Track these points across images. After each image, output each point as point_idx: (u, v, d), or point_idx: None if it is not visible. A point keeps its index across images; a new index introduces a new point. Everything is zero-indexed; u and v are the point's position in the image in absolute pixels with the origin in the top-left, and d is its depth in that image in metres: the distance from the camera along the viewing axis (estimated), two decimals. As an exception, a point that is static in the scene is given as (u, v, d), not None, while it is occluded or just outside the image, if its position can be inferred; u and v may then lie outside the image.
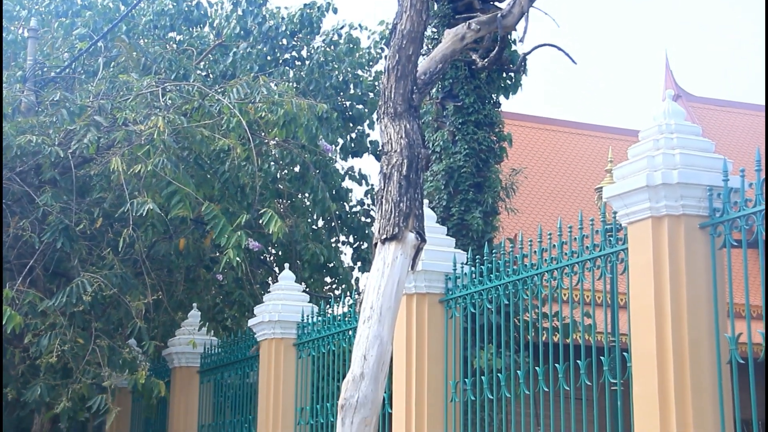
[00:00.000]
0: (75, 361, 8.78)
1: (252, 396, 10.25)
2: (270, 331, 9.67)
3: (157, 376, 9.85)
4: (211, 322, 11.73)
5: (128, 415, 12.87)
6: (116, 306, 9.27)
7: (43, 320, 8.79)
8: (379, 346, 5.37)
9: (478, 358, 7.32)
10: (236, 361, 10.73)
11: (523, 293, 6.91)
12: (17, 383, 9.34)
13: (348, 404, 5.30)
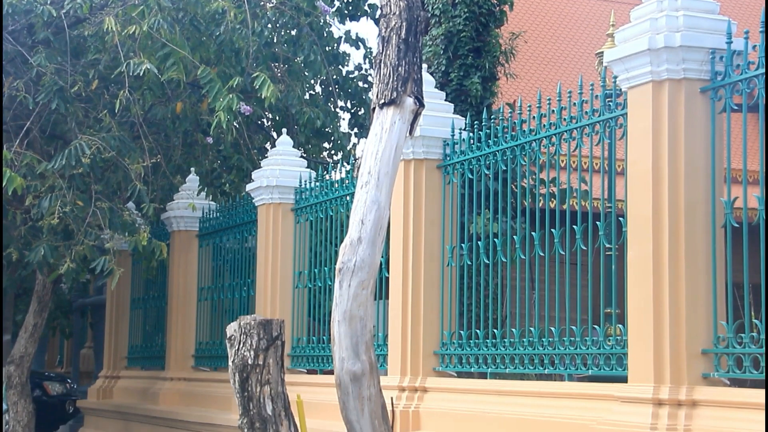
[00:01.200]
0: (76, 223, 8.85)
1: (251, 260, 10.38)
2: (268, 196, 9.71)
3: (157, 239, 9.95)
4: (210, 186, 11.76)
5: (129, 277, 13.06)
6: (115, 169, 9.28)
7: (42, 182, 8.81)
8: (376, 211, 5.40)
9: (474, 223, 7.39)
10: (235, 226, 10.83)
11: (521, 159, 6.92)
12: (19, 244, 9.45)
13: (345, 268, 5.36)
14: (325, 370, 8.85)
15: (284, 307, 9.49)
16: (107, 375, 13.78)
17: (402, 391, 7.52)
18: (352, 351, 5.24)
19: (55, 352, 21.47)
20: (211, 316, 11.33)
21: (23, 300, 13.90)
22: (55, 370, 19.40)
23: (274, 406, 5.13)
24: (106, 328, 14.10)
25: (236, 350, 5.18)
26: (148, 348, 12.85)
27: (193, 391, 11.19)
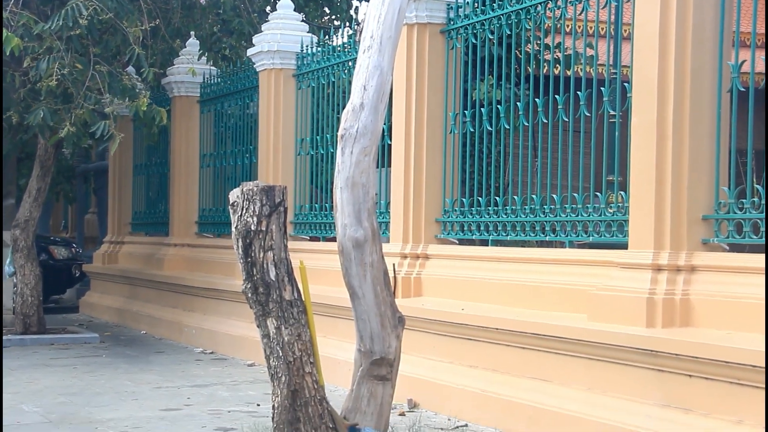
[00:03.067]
0: (75, 86, 8.75)
1: (252, 126, 10.34)
2: (269, 61, 9.58)
3: (158, 104, 9.87)
4: (210, 51, 11.59)
5: (130, 143, 13.05)
6: (113, 32, 9.11)
7: (40, 44, 8.67)
8: (379, 76, 5.31)
9: (477, 90, 7.31)
10: (236, 92, 10.73)
11: (525, 24, 6.78)
12: (19, 107, 9.38)
13: (348, 134, 5.32)
14: (328, 237, 8.92)
15: (286, 175, 9.49)
16: (112, 240, 13.93)
17: (404, 258, 7.60)
18: (355, 218, 5.25)
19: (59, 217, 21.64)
20: (214, 182, 11.36)
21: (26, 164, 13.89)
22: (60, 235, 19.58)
23: (278, 272, 5.17)
24: (109, 194, 14.18)
25: (239, 216, 5.18)
26: (152, 214, 12.94)
27: (196, 257, 11.33)
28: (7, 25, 8.48)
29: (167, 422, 6.51)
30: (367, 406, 5.24)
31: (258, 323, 5.23)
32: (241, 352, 9.45)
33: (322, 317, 6.96)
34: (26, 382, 8.07)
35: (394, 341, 5.30)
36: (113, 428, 6.32)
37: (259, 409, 6.85)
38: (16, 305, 10.84)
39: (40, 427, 6.36)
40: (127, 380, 8.22)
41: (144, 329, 11.78)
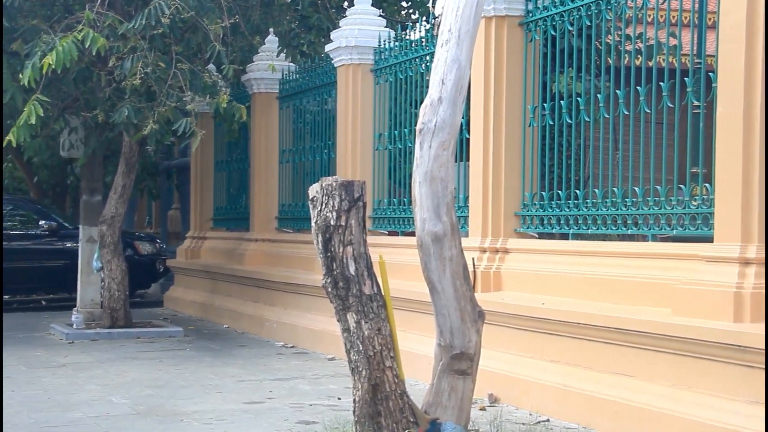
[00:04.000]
0: (158, 84, 8.92)
1: (331, 122, 10.40)
2: (347, 56, 9.62)
3: (238, 101, 9.99)
4: (289, 47, 11.69)
5: (211, 140, 13.24)
6: (194, 30, 9.26)
7: (124, 43, 8.86)
8: (457, 70, 5.29)
9: (557, 82, 7.22)
10: (314, 87, 10.80)
11: (606, 14, 6.68)
12: (105, 106, 9.59)
13: (426, 129, 5.31)
14: (406, 231, 8.93)
15: (365, 169, 9.53)
16: (194, 236, 14.17)
17: (483, 252, 7.56)
18: (434, 212, 5.24)
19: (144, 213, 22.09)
20: (293, 178, 11.46)
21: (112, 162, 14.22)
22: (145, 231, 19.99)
23: (357, 266, 5.19)
24: (191, 190, 14.42)
25: (319, 211, 5.22)
26: (233, 210, 13.12)
27: (277, 252, 11.45)
28: (93, 25, 8.67)
29: (250, 415, 6.59)
30: (447, 401, 5.24)
31: (338, 318, 5.26)
32: (321, 346, 9.53)
33: (401, 312, 6.96)
34: (114, 375, 8.27)
35: (474, 336, 5.28)
36: (198, 420, 6.43)
37: (340, 403, 6.90)
38: (103, 299, 11.10)
39: (128, 418, 6.51)
40: (211, 373, 8.35)
41: (226, 323, 11.96)
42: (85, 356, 9.37)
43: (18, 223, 14.22)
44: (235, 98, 10.46)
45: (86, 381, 7.95)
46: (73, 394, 7.33)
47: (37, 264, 13.84)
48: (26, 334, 11.14)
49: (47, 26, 9.11)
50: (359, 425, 5.19)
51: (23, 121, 8.59)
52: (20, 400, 7.12)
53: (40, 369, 8.60)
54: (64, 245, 13.74)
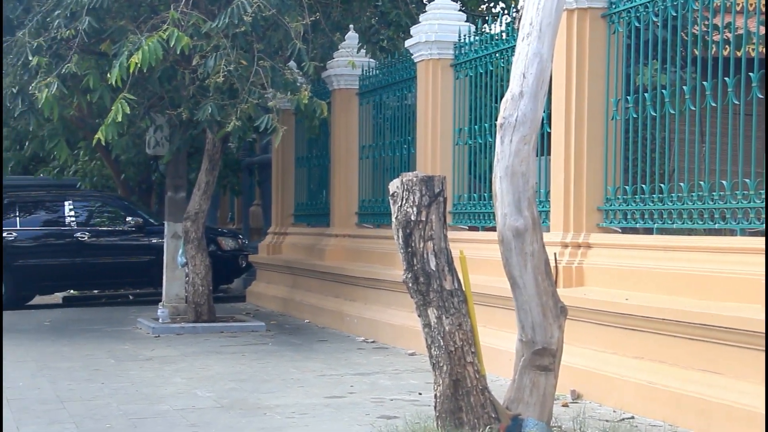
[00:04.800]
0: (240, 81, 9.04)
1: (410, 117, 10.40)
2: (427, 52, 9.61)
3: (318, 98, 10.06)
4: (368, 43, 11.73)
5: (292, 136, 13.36)
6: (276, 28, 9.35)
7: (207, 42, 9.00)
8: (538, 64, 5.25)
9: (641, 74, 7.10)
10: (394, 83, 10.82)
11: (692, 4, 6.54)
12: (189, 104, 9.76)
13: (507, 123, 5.28)
14: (487, 226, 8.88)
15: (445, 164, 9.51)
16: (275, 231, 14.32)
17: (565, 247, 7.48)
18: (515, 207, 5.21)
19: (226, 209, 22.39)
20: (373, 174, 11.50)
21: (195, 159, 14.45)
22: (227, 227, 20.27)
23: (438, 262, 5.20)
24: (272, 186, 14.58)
25: (399, 207, 5.23)
26: (314, 205, 13.22)
27: (357, 248, 11.50)
28: (178, 25, 8.83)
29: (332, 409, 6.64)
30: (529, 397, 5.20)
31: (419, 313, 5.27)
32: (401, 341, 9.54)
33: (481, 307, 6.93)
34: (199, 368, 8.41)
35: (556, 331, 5.23)
36: (280, 414, 6.50)
37: (421, 398, 6.90)
38: (188, 294, 11.30)
39: (212, 411, 6.61)
40: (293, 368, 8.43)
41: (307, 318, 12.06)
42: (171, 350, 9.55)
43: (106, 219, 14.58)
44: (316, 95, 10.54)
45: (172, 374, 8.10)
46: (159, 387, 7.48)
47: (124, 259, 14.16)
48: (114, 327, 11.41)
49: (134, 27, 9.30)
50: (440, 420, 5.19)
51: (111, 119, 8.79)
52: (109, 392, 7.29)
53: (128, 362, 8.79)
54: (150, 241, 14.03)
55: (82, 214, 14.35)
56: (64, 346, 9.88)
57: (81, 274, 14.13)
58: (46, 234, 14.11)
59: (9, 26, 10.13)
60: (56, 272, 13.92)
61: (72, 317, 12.64)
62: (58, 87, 9.09)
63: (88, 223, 14.35)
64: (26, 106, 9.79)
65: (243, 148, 17.83)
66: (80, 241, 14.00)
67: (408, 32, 10.24)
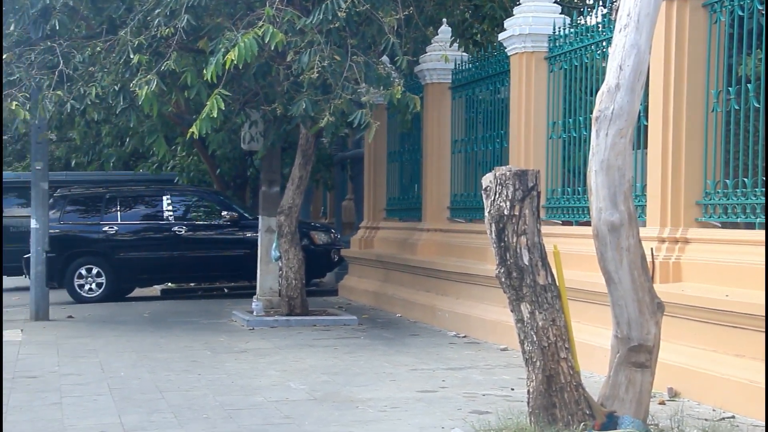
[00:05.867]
0: (334, 77, 9.10)
1: (503, 111, 10.32)
2: (521, 45, 9.52)
3: (411, 92, 10.06)
4: (461, 37, 11.69)
5: (384, 131, 13.40)
6: (369, 23, 9.39)
7: (302, 38, 9.09)
8: (636, 55, 5.15)
9: (744, 65, 6.90)
10: (487, 77, 10.75)
11: (797, -8, 6.33)
12: (283, 99, 9.88)
13: (603, 116, 5.20)
14: (581, 221, 8.76)
15: (538, 158, 9.41)
16: (367, 226, 14.39)
17: (662, 242, 7.33)
18: (610, 201, 5.13)
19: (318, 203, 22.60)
20: (465, 168, 11.45)
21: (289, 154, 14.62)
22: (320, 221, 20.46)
23: (531, 256, 5.15)
24: (364, 181, 14.65)
25: (492, 201, 5.20)
26: (405, 200, 13.24)
27: (449, 242, 11.47)
28: (273, 21, 8.93)
29: (424, 404, 6.64)
30: (625, 394, 5.12)
31: (511, 308, 5.23)
32: (493, 336, 9.49)
33: (575, 302, 6.84)
34: (292, 361, 8.51)
35: (652, 327, 5.13)
36: (373, 407, 6.53)
37: (514, 394, 6.85)
38: (281, 288, 11.44)
39: (306, 404, 6.68)
40: (385, 362, 8.47)
41: (399, 312, 12.09)
42: (265, 342, 9.69)
43: (202, 213, 14.87)
44: (409, 89, 10.54)
45: (266, 366, 8.22)
46: (254, 379, 7.60)
47: (219, 253, 14.42)
48: (210, 320, 11.63)
49: (230, 24, 9.45)
50: (533, 416, 5.15)
51: (205, 114, 8.95)
52: (206, 383, 7.43)
53: (224, 354, 8.95)
54: (245, 235, 14.26)
55: (179, 209, 14.67)
56: (162, 337, 10.11)
57: (178, 268, 14.45)
58: (145, 228, 14.47)
59: (112, 25, 10.41)
60: (155, 265, 14.27)
61: (170, 309, 12.93)
62: (158, 84, 9.29)
63: (185, 217, 14.66)
64: (127, 103, 10.03)
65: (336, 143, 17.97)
66: (178, 235, 14.32)
67: (502, 25, 10.17)
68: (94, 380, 7.57)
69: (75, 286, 13.98)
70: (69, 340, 9.97)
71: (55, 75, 10.00)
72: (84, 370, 8.03)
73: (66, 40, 10.27)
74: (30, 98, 10.14)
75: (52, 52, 10.12)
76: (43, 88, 10.02)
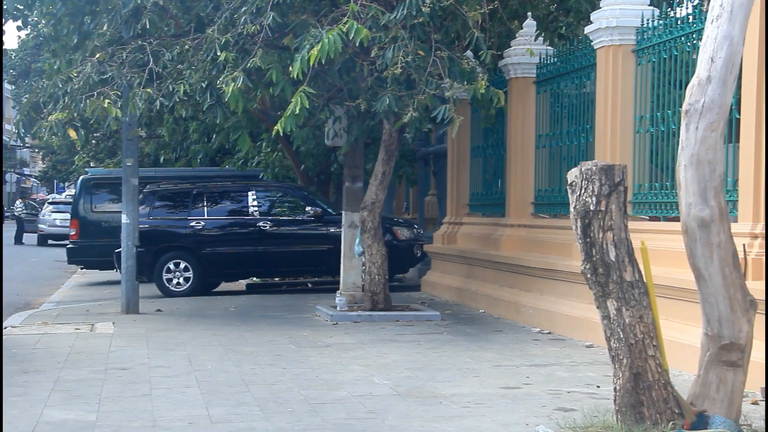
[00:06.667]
0: (417, 72, 9.10)
1: (589, 105, 10.19)
2: (607, 38, 9.38)
3: (494, 87, 10.00)
4: (546, 31, 11.56)
5: (468, 126, 13.35)
6: (453, 18, 9.36)
7: (386, 34, 9.11)
8: (728, 47, 5.03)
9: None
10: (572, 71, 10.63)
11: None
12: (366, 95, 9.92)
13: (693, 110, 5.10)
14: (669, 216, 8.60)
15: (624, 153, 9.26)
16: (450, 221, 14.36)
17: (754, 238, 7.14)
18: (700, 196, 5.03)
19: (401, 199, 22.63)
20: (549, 163, 11.34)
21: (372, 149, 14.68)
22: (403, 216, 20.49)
23: (617, 252, 5.09)
24: (447, 176, 14.62)
25: (577, 196, 5.14)
26: (488, 195, 13.18)
27: (533, 238, 11.38)
28: (357, 17, 8.96)
29: (508, 400, 6.60)
30: (716, 393, 5.01)
31: (597, 304, 5.16)
32: (578, 332, 9.38)
33: (663, 299, 6.72)
34: (375, 356, 8.55)
35: (745, 325, 5.02)
36: (456, 403, 6.52)
37: (599, 391, 6.76)
38: (364, 283, 11.49)
39: (389, 399, 6.71)
40: (468, 357, 8.44)
41: (482, 308, 12.04)
42: (348, 337, 9.75)
43: (286, 209, 15.03)
44: (492, 83, 10.49)
45: (349, 361, 8.27)
46: (337, 374, 7.65)
47: (303, 248, 14.57)
48: (294, 314, 11.75)
49: (315, 20, 9.52)
50: (620, 414, 5.08)
51: (290, 111, 9.03)
52: (290, 377, 7.51)
53: (308, 348, 9.03)
54: (328, 230, 14.36)
55: (264, 204, 14.86)
56: (248, 331, 10.26)
57: (263, 262, 14.63)
58: (231, 223, 14.70)
59: (199, 24, 10.59)
60: (240, 260, 14.48)
61: (255, 304, 13.11)
62: (243, 81, 9.41)
63: (270, 212, 14.84)
64: (214, 100, 10.19)
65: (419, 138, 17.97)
66: (262, 230, 14.50)
67: (587, 18, 10.03)
68: (182, 373, 7.72)
69: (163, 281, 14.27)
70: (158, 333, 10.18)
71: (145, 73, 10.21)
72: (173, 363, 8.19)
73: (156, 39, 10.48)
74: (121, 96, 10.37)
75: (142, 50, 10.35)
76: (134, 86, 10.24)
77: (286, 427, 5.87)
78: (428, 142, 18.80)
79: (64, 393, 6.89)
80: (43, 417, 6.14)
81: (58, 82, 10.54)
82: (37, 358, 8.50)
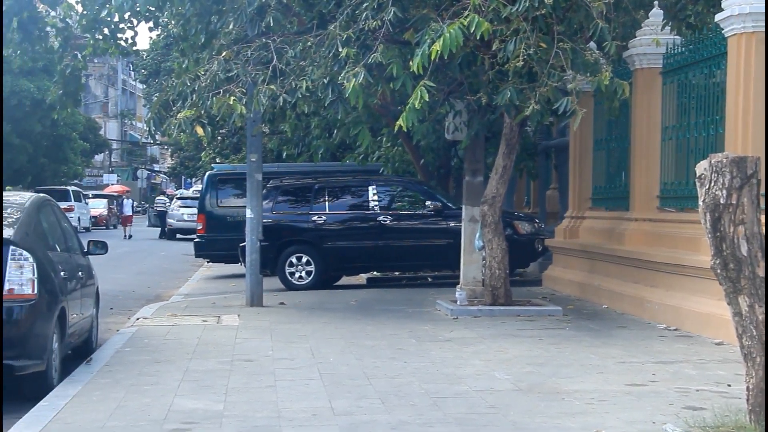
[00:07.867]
0: (539, 65, 8.99)
1: (719, 96, 9.86)
2: (740, 25, 9.06)
3: (619, 78, 9.79)
4: (674, 20, 11.25)
5: (590, 118, 13.12)
6: (576, 8, 9.21)
7: (507, 26, 9.03)
8: None
9: None
10: (701, 60, 10.32)
11: None
12: (487, 89, 9.85)
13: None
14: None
15: (758, 144, 8.93)
16: (572, 215, 14.15)
17: None
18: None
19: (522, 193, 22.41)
20: (676, 155, 11.05)
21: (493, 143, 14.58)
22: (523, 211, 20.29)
23: (750, 247, 4.92)
24: (569, 170, 14.41)
25: (707, 189, 5.00)
26: (612, 189, 12.93)
27: (658, 232, 11.11)
28: (479, 10, 8.91)
29: (633, 397, 6.47)
30: None
31: (728, 300, 5.01)
32: (707, 329, 9.11)
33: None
34: (496, 351, 8.50)
35: None
36: (579, 400, 6.42)
37: (730, 390, 6.55)
38: (485, 278, 11.43)
39: (510, 394, 6.66)
40: (591, 353, 8.30)
41: (605, 303, 11.82)
42: (468, 332, 9.72)
43: (406, 203, 15.09)
44: (617, 74, 10.28)
45: (470, 356, 8.24)
46: (458, 368, 7.64)
47: (423, 242, 14.59)
48: (414, 309, 11.79)
49: (436, 14, 9.51)
50: (753, 414, 4.91)
51: (410, 105, 9.05)
52: (411, 371, 7.54)
53: (428, 342, 9.05)
54: (448, 225, 14.35)
55: (384, 199, 14.95)
56: (369, 325, 10.35)
57: (383, 257, 14.73)
58: (352, 218, 14.84)
59: (322, 20, 10.73)
60: (361, 254, 14.62)
61: (375, 297, 13.21)
62: (365, 76, 9.48)
63: (390, 207, 14.92)
64: (335, 96, 10.30)
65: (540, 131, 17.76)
66: (383, 225, 14.60)
67: (717, 6, 9.71)
68: (305, 365, 7.84)
69: (286, 274, 14.52)
70: (281, 325, 10.38)
71: (268, 70, 10.40)
72: (296, 355, 8.34)
73: (279, 36, 10.67)
74: (246, 93, 10.60)
75: (266, 48, 10.54)
76: (258, 83, 10.45)
77: (407, 420, 5.90)
78: (549, 135, 18.56)
79: (192, 383, 7.10)
80: (173, 406, 6.33)
81: (186, 81, 10.83)
82: (168, 348, 8.78)
